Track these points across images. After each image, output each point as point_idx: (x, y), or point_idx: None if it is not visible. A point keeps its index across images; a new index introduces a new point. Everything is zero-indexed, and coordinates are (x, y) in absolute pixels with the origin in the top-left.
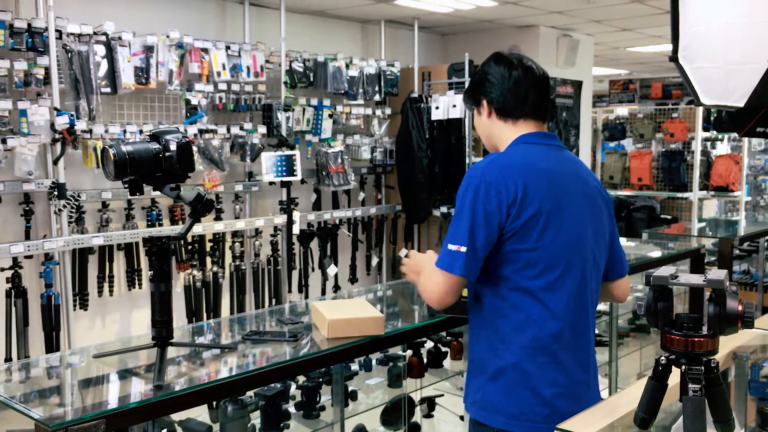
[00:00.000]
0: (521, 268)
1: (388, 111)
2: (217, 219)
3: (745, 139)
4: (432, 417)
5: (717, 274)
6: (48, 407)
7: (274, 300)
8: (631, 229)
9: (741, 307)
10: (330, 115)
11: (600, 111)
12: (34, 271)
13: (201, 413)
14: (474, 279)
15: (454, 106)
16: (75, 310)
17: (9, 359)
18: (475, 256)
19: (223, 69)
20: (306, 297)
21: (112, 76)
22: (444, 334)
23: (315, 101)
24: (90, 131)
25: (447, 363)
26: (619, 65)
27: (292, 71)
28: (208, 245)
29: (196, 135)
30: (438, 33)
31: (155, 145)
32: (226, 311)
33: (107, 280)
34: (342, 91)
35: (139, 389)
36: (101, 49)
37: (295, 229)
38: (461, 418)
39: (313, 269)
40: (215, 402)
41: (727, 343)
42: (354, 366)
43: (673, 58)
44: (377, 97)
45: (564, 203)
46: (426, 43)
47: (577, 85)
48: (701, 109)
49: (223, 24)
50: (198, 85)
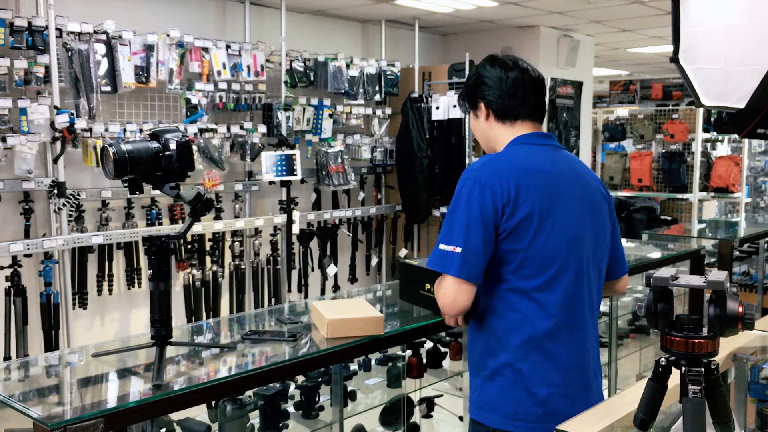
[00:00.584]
0: (516, 268)
1: (388, 111)
2: (217, 218)
3: (746, 141)
4: (431, 417)
5: (717, 275)
6: (47, 406)
7: (273, 300)
8: (631, 230)
9: (741, 309)
10: (330, 115)
11: (600, 112)
12: (33, 270)
13: (200, 413)
14: (478, 281)
15: (454, 106)
16: (74, 309)
17: (8, 358)
18: (474, 256)
19: (224, 68)
20: (305, 297)
21: (112, 74)
22: (443, 334)
23: (315, 101)
24: (90, 130)
25: (446, 363)
26: (620, 66)
27: (292, 71)
28: (207, 244)
29: (196, 134)
30: (438, 33)
31: (155, 144)
32: (225, 311)
33: (107, 279)
34: (342, 91)
35: (138, 388)
36: (101, 48)
37: (295, 229)
38: (460, 418)
39: (313, 269)
40: (214, 401)
41: (727, 345)
42: (353, 366)
43: (674, 59)
44: (377, 97)
45: (559, 203)
46: (426, 43)
47: (578, 86)
48: (701, 111)
49: (224, 23)
50: (198, 85)
